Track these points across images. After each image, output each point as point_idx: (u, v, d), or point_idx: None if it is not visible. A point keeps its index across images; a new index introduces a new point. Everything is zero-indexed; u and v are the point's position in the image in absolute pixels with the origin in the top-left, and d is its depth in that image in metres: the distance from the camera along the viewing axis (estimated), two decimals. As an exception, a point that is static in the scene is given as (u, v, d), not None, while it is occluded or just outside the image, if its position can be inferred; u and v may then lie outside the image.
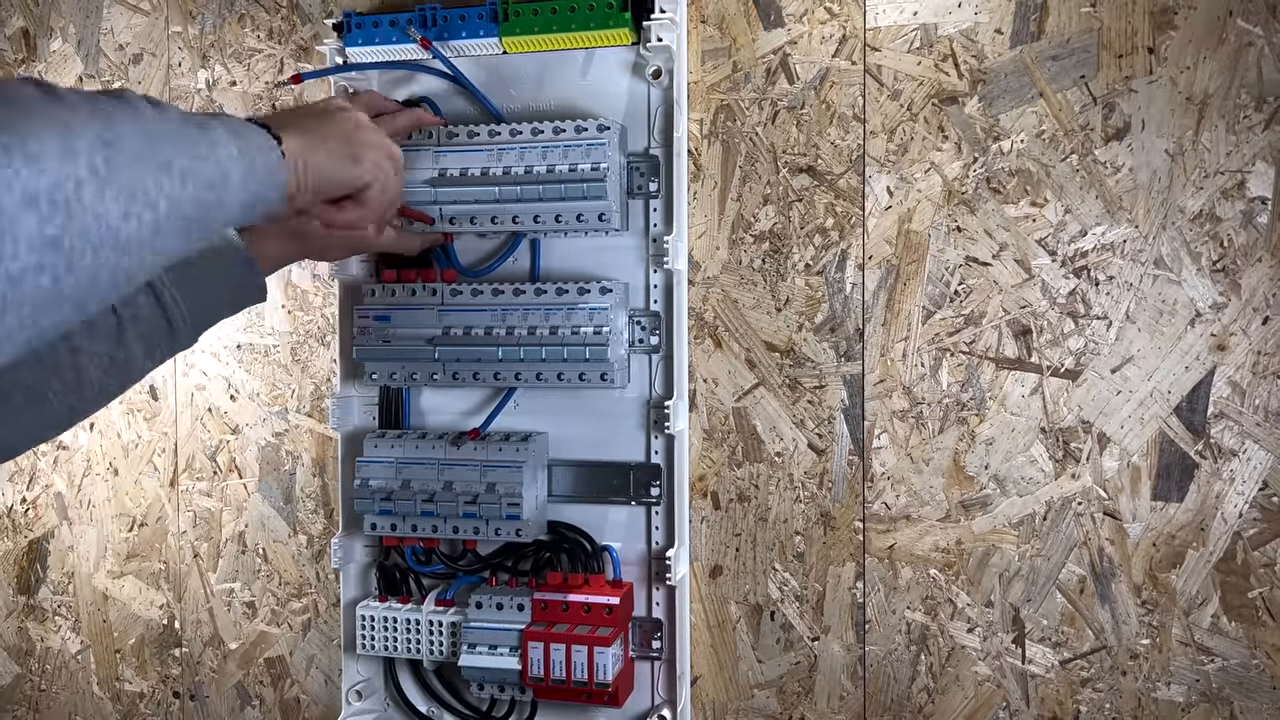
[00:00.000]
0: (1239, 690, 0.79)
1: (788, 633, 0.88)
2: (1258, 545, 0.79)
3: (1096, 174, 0.80)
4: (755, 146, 0.87)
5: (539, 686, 0.83)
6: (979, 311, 0.83)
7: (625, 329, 0.86)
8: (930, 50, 0.83)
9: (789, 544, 0.88)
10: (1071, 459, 0.82)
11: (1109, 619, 0.82)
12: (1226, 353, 0.79)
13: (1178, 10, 0.78)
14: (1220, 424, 0.79)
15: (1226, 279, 0.78)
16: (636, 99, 0.86)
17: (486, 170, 0.83)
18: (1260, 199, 0.77)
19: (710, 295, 0.89)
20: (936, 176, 0.84)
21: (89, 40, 1.06)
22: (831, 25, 0.85)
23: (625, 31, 0.83)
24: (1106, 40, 0.80)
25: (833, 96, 0.86)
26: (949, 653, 0.85)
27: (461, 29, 0.86)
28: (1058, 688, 0.83)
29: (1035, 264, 0.82)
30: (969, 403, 0.84)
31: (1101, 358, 0.81)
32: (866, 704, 0.87)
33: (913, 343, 0.85)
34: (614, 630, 0.83)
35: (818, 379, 0.87)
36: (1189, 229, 0.79)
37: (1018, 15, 0.82)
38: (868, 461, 0.86)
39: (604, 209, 0.82)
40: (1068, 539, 0.82)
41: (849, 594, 0.87)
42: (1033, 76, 0.81)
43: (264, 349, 1.01)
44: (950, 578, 0.85)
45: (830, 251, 0.86)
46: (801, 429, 0.87)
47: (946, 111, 0.83)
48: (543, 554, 0.89)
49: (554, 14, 0.83)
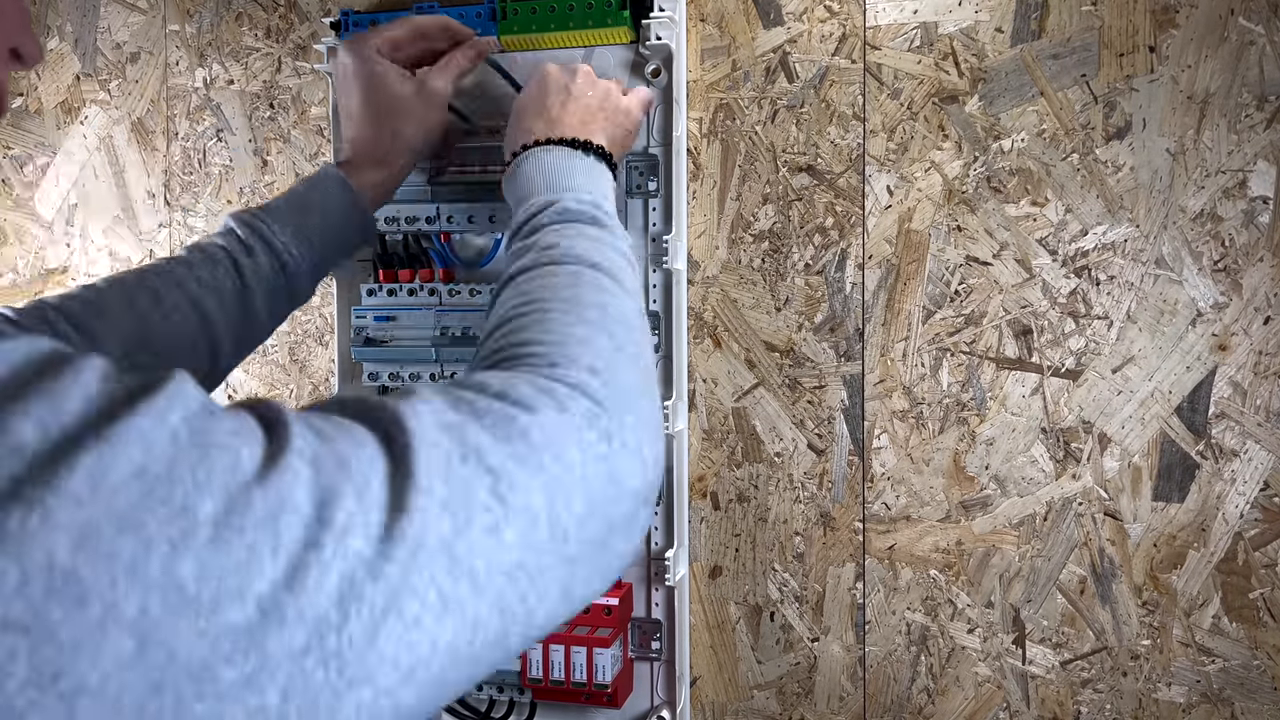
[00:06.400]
0: (1240, 691, 0.79)
1: (787, 633, 0.88)
2: (1259, 546, 0.78)
3: (1097, 173, 0.80)
4: (755, 145, 0.87)
5: (538, 687, 0.83)
6: (979, 311, 0.83)
7: (624, 329, 0.86)
8: (930, 49, 0.83)
9: (789, 544, 0.88)
10: (1072, 459, 0.82)
11: (1110, 620, 0.81)
12: (1228, 353, 0.78)
13: (1179, 9, 0.78)
14: (1221, 424, 0.79)
15: (1228, 279, 0.78)
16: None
17: (485, 168, 0.83)
18: (1262, 198, 0.77)
19: (710, 295, 0.88)
20: (937, 176, 0.83)
21: (86, 39, 1.05)
22: (831, 24, 0.85)
23: (624, 30, 0.82)
24: (1107, 39, 0.80)
25: (832, 95, 0.85)
26: (949, 653, 0.85)
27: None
28: (1058, 689, 0.83)
29: (1036, 263, 0.82)
30: (969, 403, 0.83)
31: (1102, 358, 0.81)
32: (866, 705, 0.87)
33: (913, 343, 0.84)
34: (613, 631, 0.83)
35: (818, 379, 0.86)
36: (1190, 228, 0.79)
37: (1018, 14, 0.81)
38: (868, 462, 0.86)
39: (603, 208, 0.82)
40: (1068, 539, 0.82)
41: (849, 595, 0.87)
42: (1033, 75, 0.81)
43: (262, 349, 1.01)
44: (950, 578, 0.85)
45: (830, 251, 0.86)
46: (801, 429, 0.87)
47: (947, 110, 0.83)
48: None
49: (552, 12, 0.83)
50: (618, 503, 0.41)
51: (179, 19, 1.02)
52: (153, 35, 1.03)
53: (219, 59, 1.01)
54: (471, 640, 0.34)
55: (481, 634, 0.34)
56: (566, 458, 0.39)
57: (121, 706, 0.26)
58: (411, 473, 0.34)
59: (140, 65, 1.04)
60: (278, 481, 0.30)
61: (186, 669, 0.27)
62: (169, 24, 1.03)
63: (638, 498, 0.43)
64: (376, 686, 0.30)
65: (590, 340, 0.47)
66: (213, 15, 1.01)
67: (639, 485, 0.43)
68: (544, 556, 0.37)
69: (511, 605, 0.36)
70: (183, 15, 1.02)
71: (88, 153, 1.06)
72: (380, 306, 0.88)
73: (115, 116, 1.05)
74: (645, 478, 0.43)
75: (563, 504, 0.38)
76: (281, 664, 0.28)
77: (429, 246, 0.89)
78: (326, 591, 0.30)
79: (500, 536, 0.35)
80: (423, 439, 0.35)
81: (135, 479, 0.27)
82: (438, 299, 0.86)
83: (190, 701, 0.27)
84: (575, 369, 0.44)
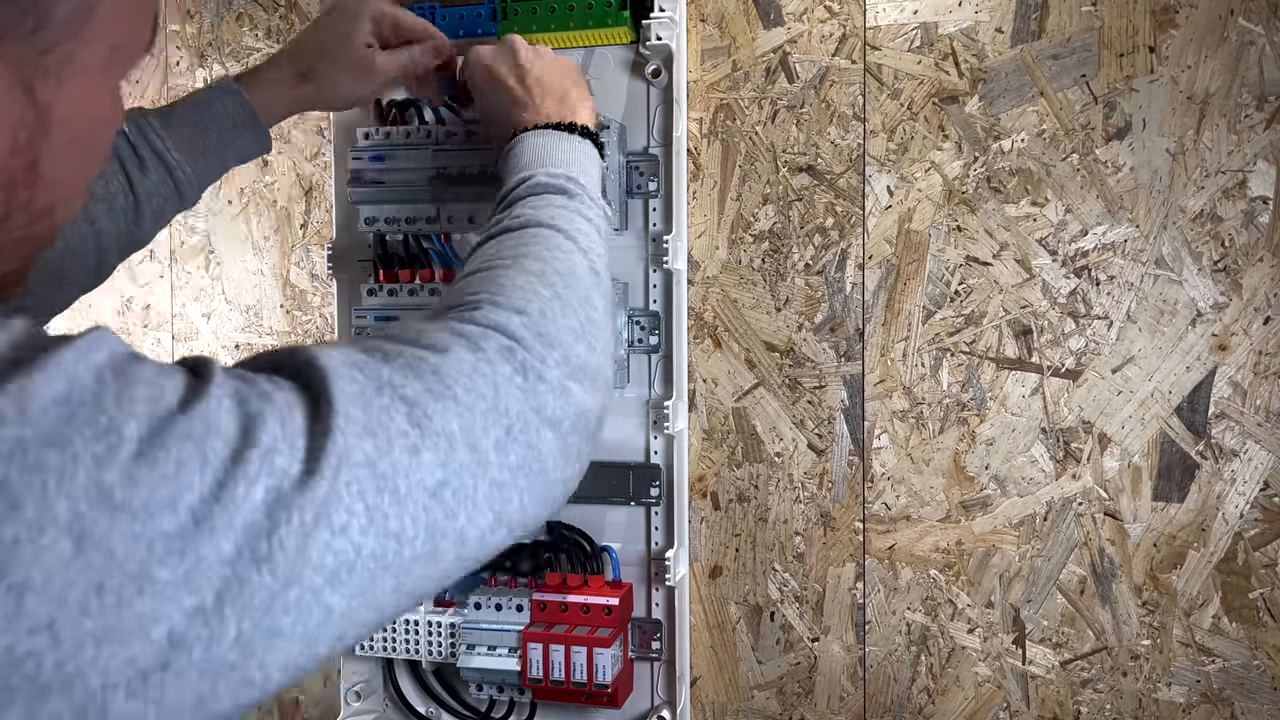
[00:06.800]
0: (1240, 691, 0.79)
1: (787, 633, 0.88)
2: (1259, 546, 0.78)
3: (1097, 173, 0.80)
4: (755, 146, 0.87)
5: (538, 687, 0.83)
6: (979, 311, 0.83)
7: (625, 329, 0.86)
8: (930, 49, 0.83)
9: (789, 544, 0.88)
10: (1072, 459, 0.82)
11: (1109, 620, 0.81)
12: (1227, 353, 0.78)
13: (1179, 9, 0.78)
14: (1221, 424, 0.79)
15: (1227, 279, 0.78)
16: (635, 98, 0.86)
17: (485, 169, 0.83)
18: (1261, 198, 0.77)
19: (710, 295, 0.88)
20: (937, 176, 0.83)
21: (86, 39, 1.05)
22: (831, 24, 0.85)
23: (624, 30, 0.82)
24: (1107, 39, 0.80)
25: (833, 95, 0.85)
26: (949, 653, 0.85)
27: (460, 27, 0.85)
28: (1058, 688, 0.83)
29: (1036, 264, 0.82)
30: (969, 403, 0.83)
31: (1102, 358, 0.81)
32: (866, 705, 0.87)
33: (913, 343, 0.84)
34: (613, 631, 0.83)
35: (818, 379, 0.87)
36: (1190, 229, 0.79)
37: (1018, 14, 0.81)
38: (868, 462, 0.86)
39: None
40: (1068, 539, 0.82)
41: (849, 595, 0.87)
42: (1033, 75, 0.81)
43: (263, 349, 1.01)
44: (950, 578, 0.85)
45: (830, 251, 0.86)
46: (801, 429, 0.87)
47: (947, 111, 0.83)
48: (542, 554, 0.88)
49: (553, 12, 0.83)
50: (540, 432, 0.44)
51: (179, 19, 1.02)
52: (153, 35, 1.03)
53: (219, 59, 1.01)
54: (399, 551, 0.37)
55: (409, 547, 0.38)
56: (479, 389, 0.43)
57: (66, 602, 0.29)
58: (330, 401, 0.37)
59: (140, 65, 1.04)
60: (203, 409, 0.33)
61: (124, 569, 0.30)
62: (169, 24, 1.03)
63: (560, 428, 0.46)
64: (303, 586, 0.34)
65: (527, 287, 0.50)
66: (213, 15, 1.01)
67: (560, 416, 0.46)
68: (467, 478, 0.41)
69: (438, 522, 0.39)
70: (183, 15, 1.02)
71: (88, 153, 1.06)
72: (380, 306, 0.87)
73: (116, 116, 1.05)
74: (567, 409, 0.46)
75: (480, 430, 0.42)
76: (215, 567, 0.32)
77: (429, 246, 0.89)
78: (254, 503, 0.33)
79: (420, 458, 0.39)
80: (337, 375, 0.39)
81: (60, 405, 0.30)
82: (438, 299, 0.86)
83: (131, 599, 0.30)
84: (498, 311, 0.47)
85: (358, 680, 0.94)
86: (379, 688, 0.94)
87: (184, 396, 0.34)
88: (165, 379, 0.34)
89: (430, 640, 0.88)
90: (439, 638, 0.88)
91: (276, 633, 0.33)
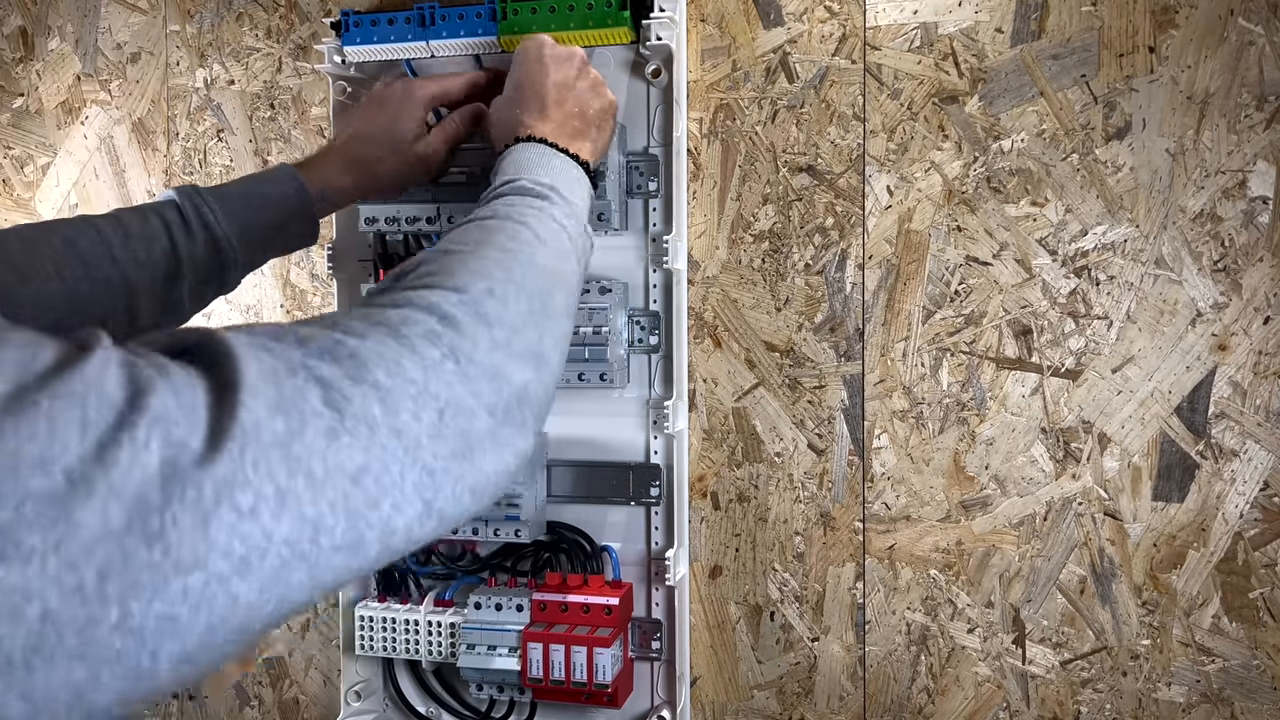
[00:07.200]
0: (1240, 691, 0.79)
1: (787, 633, 0.88)
2: (1259, 546, 0.78)
3: (1097, 173, 0.80)
4: (755, 146, 0.87)
5: (538, 687, 0.83)
6: (979, 311, 0.83)
7: (624, 329, 0.86)
8: (930, 49, 0.83)
9: (789, 544, 0.88)
10: (1072, 459, 0.82)
11: (1109, 619, 0.81)
12: (1227, 353, 0.78)
13: (1179, 9, 0.78)
14: (1221, 424, 0.79)
15: (1227, 279, 0.78)
16: (635, 98, 0.86)
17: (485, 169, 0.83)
18: (1261, 198, 0.77)
19: (710, 295, 0.88)
20: (937, 176, 0.83)
21: (87, 39, 1.05)
22: (831, 24, 0.85)
23: (624, 30, 0.82)
24: (1107, 39, 0.80)
25: (832, 95, 0.85)
26: (949, 653, 0.85)
27: (460, 27, 0.85)
28: (1058, 688, 0.83)
29: (1036, 264, 0.82)
30: (969, 403, 0.83)
31: (1102, 358, 0.81)
32: (866, 704, 0.87)
33: (913, 343, 0.84)
34: (613, 631, 0.83)
35: (818, 379, 0.87)
36: (1190, 228, 0.79)
37: (1018, 14, 0.81)
38: (868, 462, 0.86)
39: (603, 208, 0.82)
40: (1068, 539, 0.82)
41: (849, 594, 0.87)
42: (1033, 75, 0.81)
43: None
44: (950, 578, 0.85)
45: (830, 251, 0.86)
46: (801, 429, 0.87)
47: (947, 111, 0.83)
48: (542, 554, 0.89)
49: (552, 12, 0.83)
50: (472, 417, 0.43)
51: (179, 19, 1.02)
52: (153, 35, 1.03)
53: (220, 59, 1.01)
54: (315, 539, 0.35)
55: (326, 536, 0.36)
56: (405, 373, 0.41)
57: None
58: (237, 376, 0.35)
59: (141, 65, 1.04)
60: (82, 371, 0.31)
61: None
62: (170, 24, 1.03)
63: (493, 414, 0.44)
64: (208, 572, 0.32)
65: (478, 270, 0.49)
66: (213, 15, 1.01)
67: (493, 401, 0.44)
68: (392, 465, 0.38)
69: (360, 509, 0.37)
70: (183, 15, 1.02)
71: (88, 153, 1.06)
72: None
73: (116, 117, 1.05)
74: (500, 395, 0.45)
75: (409, 415, 0.40)
76: (99, 539, 0.29)
77: (429, 247, 0.89)
78: (146, 472, 0.30)
79: (338, 440, 0.37)
80: (244, 353, 0.36)
81: None
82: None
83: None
84: (435, 292, 0.46)
85: (357, 680, 0.94)
86: (379, 688, 0.94)
87: (61, 358, 0.31)
88: (38, 345, 0.31)
89: (430, 640, 0.88)
90: (439, 638, 0.88)
91: (171, 619, 0.31)
